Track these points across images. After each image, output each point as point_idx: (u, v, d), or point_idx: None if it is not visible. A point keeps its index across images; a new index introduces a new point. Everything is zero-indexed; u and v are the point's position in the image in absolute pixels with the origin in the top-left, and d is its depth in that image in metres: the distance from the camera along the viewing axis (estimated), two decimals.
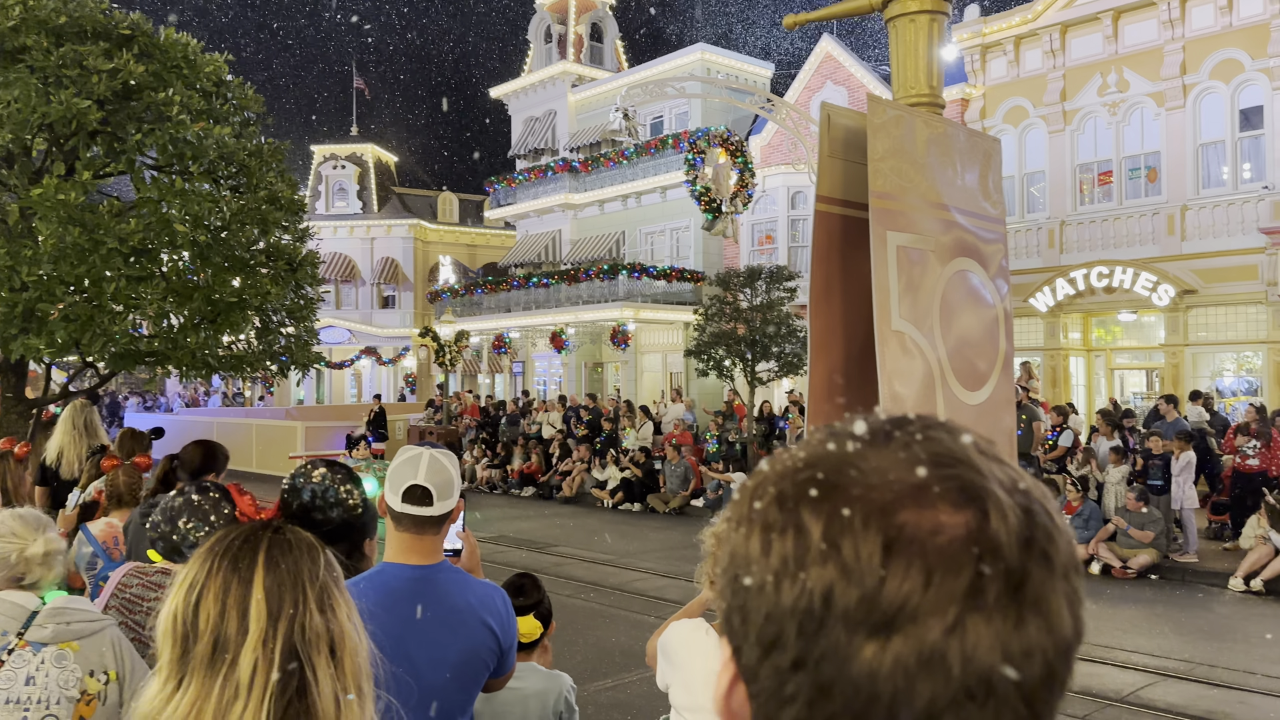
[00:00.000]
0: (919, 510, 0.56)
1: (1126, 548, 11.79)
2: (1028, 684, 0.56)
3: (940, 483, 0.57)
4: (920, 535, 0.56)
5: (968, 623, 0.55)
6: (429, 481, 2.32)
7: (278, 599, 1.31)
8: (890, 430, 0.62)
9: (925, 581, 0.55)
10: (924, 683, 0.54)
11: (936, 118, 2.86)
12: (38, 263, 7.45)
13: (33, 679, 2.43)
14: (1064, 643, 0.58)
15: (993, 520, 0.56)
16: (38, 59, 7.79)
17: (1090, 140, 18.79)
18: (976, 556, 0.55)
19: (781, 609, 0.58)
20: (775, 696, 0.59)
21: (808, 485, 0.59)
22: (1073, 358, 19.30)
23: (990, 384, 2.86)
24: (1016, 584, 0.56)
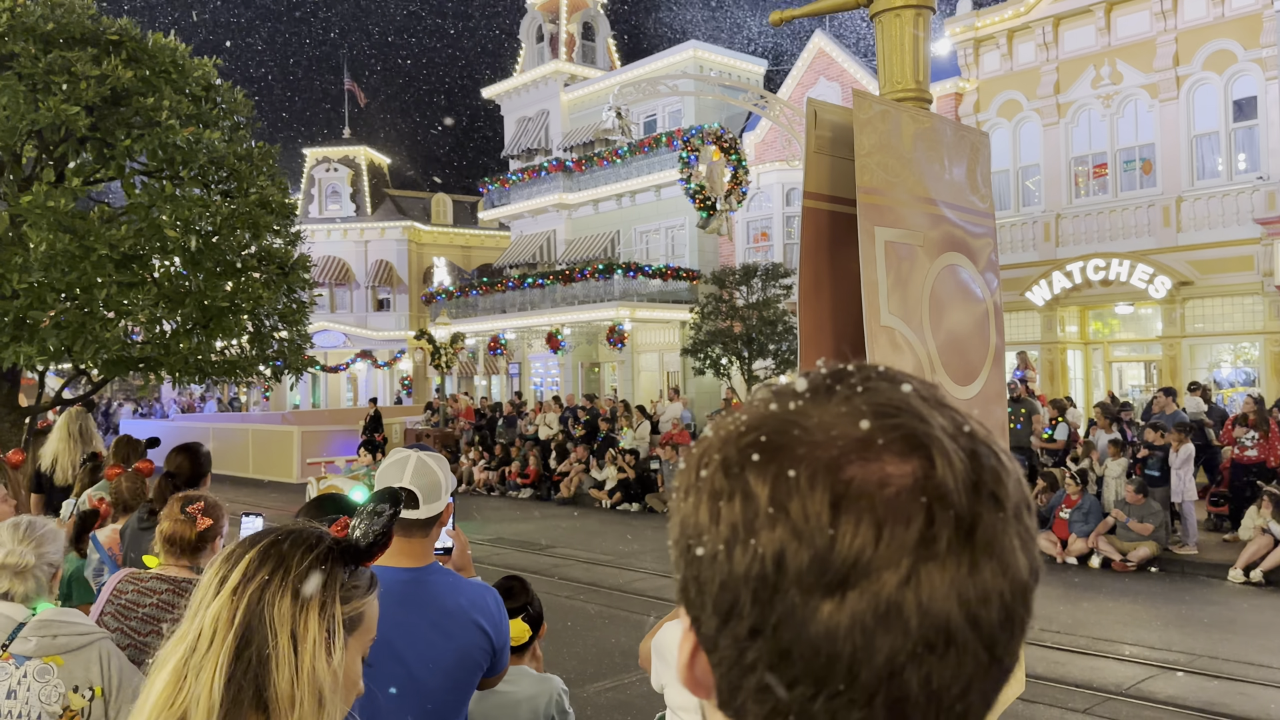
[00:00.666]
0: (864, 464, 0.55)
1: (1126, 541, 11.78)
2: (986, 629, 0.55)
3: (884, 434, 0.56)
4: (868, 489, 0.55)
5: (921, 572, 0.54)
6: (415, 484, 2.33)
7: (258, 566, 1.40)
8: (831, 384, 0.61)
9: (876, 535, 0.54)
10: (883, 637, 0.54)
11: (923, 112, 2.84)
12: (28, 270, 7.43)
13: (14, 693, 2.40)
14: (1020, 584, 0.57)
15: (938, 467, 0.55)
16: (26, 66, 7.77)
17: (1085, 133, 18.80)
18: (925, 505, 0.54)
19: (735, 576, 0.57)
20: (737, 665, 0.58)
21: (752, 449, 0.58)
22: (1070, 351, 19.31)
23: (981, 378, 2.84)
24: (968, 529, 0.55)
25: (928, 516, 0.54)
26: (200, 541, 3.31)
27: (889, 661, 0.54)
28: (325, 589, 1.40)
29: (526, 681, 3.23)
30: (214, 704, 1.31)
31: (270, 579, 1.37)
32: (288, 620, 1.36)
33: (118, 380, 10.64)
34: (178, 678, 1.35)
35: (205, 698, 1.32)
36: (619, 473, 18.12)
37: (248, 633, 1.34)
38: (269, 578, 1.37)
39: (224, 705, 1.32)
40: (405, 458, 2.38)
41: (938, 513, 0.54)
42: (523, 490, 19.92)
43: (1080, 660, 8.07)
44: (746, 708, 0.59)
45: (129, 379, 8.92)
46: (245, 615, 1.35)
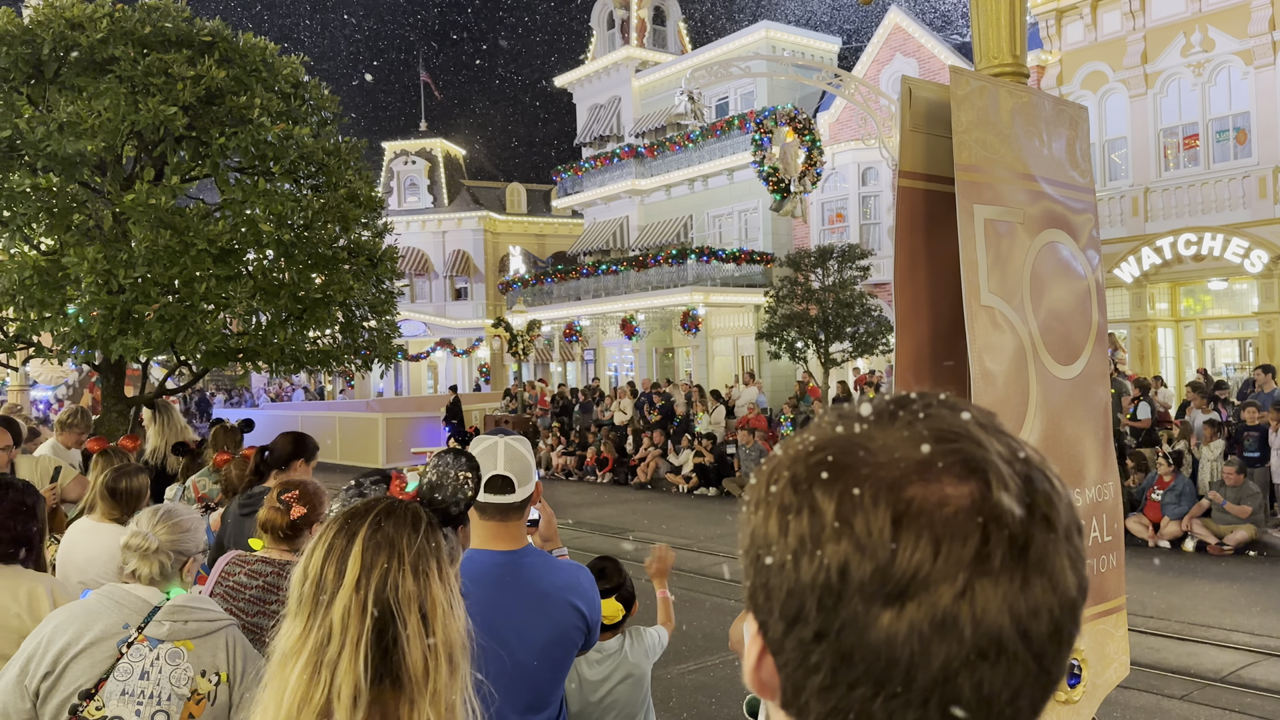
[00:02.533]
0: (925, 485, 0.60)
1: (1222, 524, 11.41)
2: (1036, 641, 0.60)
3: (943, 457, 0.61)
4: (927, 508, 0.59)
5: (976, 587, 0.58)
6: (509, 470, 2.36)
7: (373, 555, 1.43)
8: (894, 410, 0.66)
9: (934, 551, 0.58)
10: (938, 645, 0.58)
11: (1021, 86, 2.80)
12: (133, 265, 7.75)
13: (147, 674, 2.49)
14: (1069, 600, 0.61)
15: (994, 489, 0.60)
16: (125, 69, 8.08)
17: (1174, 103, 18.12)
18: (981, 524, 0.59)
19: (802, 585, 0.62)
20: (801, 666, 0.63)
21: (819, 467, 0.63)
22: (1160, 329, 18.69)
23: (1083, 358, 2.80)
24: (1021, 547, 0.59)
25: (983, 535, 0.59)
26: (293, 530, 3.39)
27: (944, 668, 0.58)
28: (438, 559, 1.46)
29: (630, 645, 3.48)
30: (360, 693, 1.37)
31: (389, 565, 1.42)
32: (414, 598, 1.41)
33: (212, 371, 11.01)
34: (313, 673, 1.39)
35: (349, 689, 1.36)
36: (696, 458, 18.15)
37: (380, 621, 1.39)
38: (387, 564, 1.42)
39: (370, 693, 1.37)
40: (494, 444, 2.41)
41: (993, 532, 0.59)
42: (600, 475, 20.09)
43: (1176, 646, 7.87)
44: (810, 706, 0.63)
45: (226, 369, 9.22)
46: (375, 605, 1.40)
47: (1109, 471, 2.80)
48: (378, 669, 1.38)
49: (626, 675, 3.45)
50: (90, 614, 2.59)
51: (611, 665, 3.44)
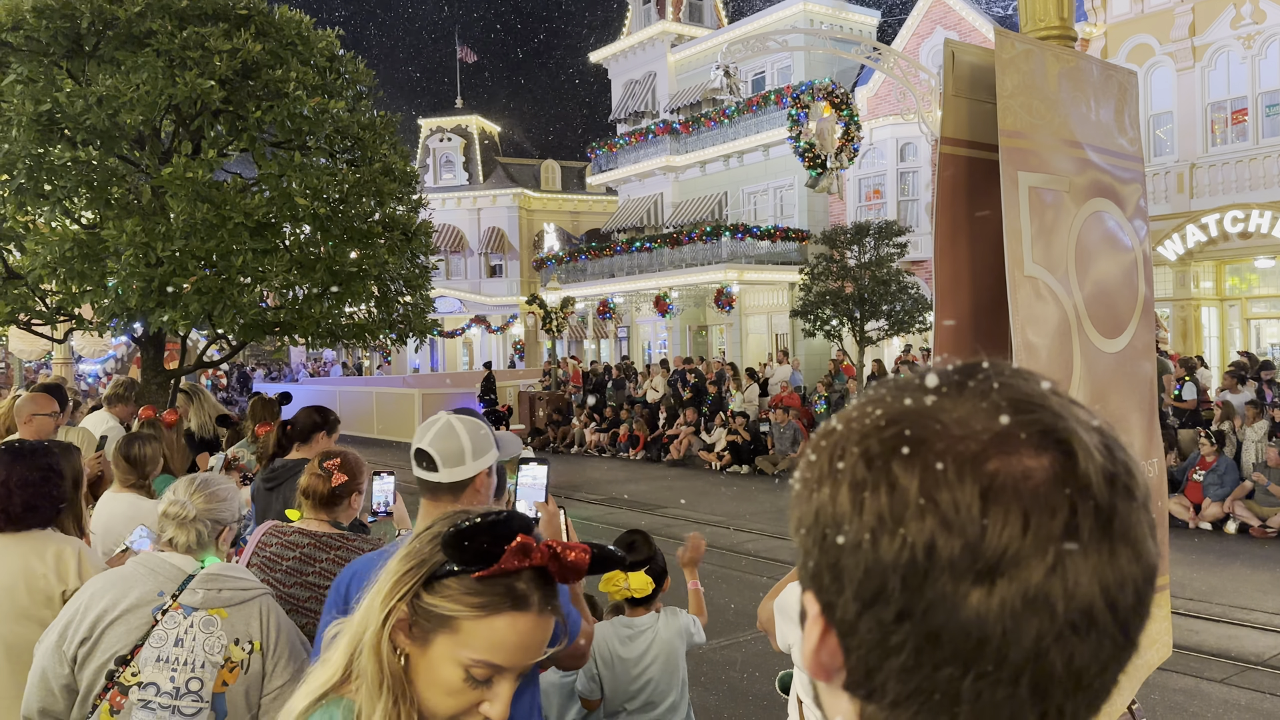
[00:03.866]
0: (1007, 457, 0.59)
1: (1266, 506, 11.20)
2: (1123, 612, 0.59)
3: (1024, 428, 0.60)
4: (1013, 481, 0.58)
5: (1067, 561, 0.58)
6: (433, 448, 2.30)
7: None
8: (962, 380, 0.64)
9: (1024, 526, 0.57)
10: (1030, 622, 0.57)
11: (1068, 51, 2.72)
12: (171, 239, 7.82)
13: (181, 641, 2.52)
14: (1150, 569, 0.61)
15: (1080, 460, 0.59)
16: (163, 42, 8.12)
17: (1223, 77, 17.67)
18: (1069, 496, 0.58)
19: (882, 563, 0.60)
20: (879, 647, 0.61)
21: (895, 441, 0.61)
22: (1205, 308, 18.33)
23: (1130, 331, 2.72)
24: (1106, 519, 0.59)
25: (1071, 507, 0.58)
26: (334, 497, 3.43)
27: (1036, 644, 0.58)
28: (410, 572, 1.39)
29: (664, 622, 3.38)
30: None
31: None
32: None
33: (251, 346, 11.11)
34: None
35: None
36: (729, 435, 18.11)
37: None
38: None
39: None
40: (433, 421, 2.37)
41: (1080, 504, 0.58)
42: (633, 452, 20.12)
43: (1216, 628, 7.74)
44: (887, 688, 0.62)
45: (263, 343, 9.31)
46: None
47: (1154, 448, 2.74)
48: None
49: (660, 653, 3.44)
50: (126, 581, 2.62)
51: (645, 642, 3.43)
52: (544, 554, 1.35)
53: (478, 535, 1.32)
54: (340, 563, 3.34)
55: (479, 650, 1.33)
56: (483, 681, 1.35)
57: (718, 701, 6.31)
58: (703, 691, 6.35)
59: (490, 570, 1.32)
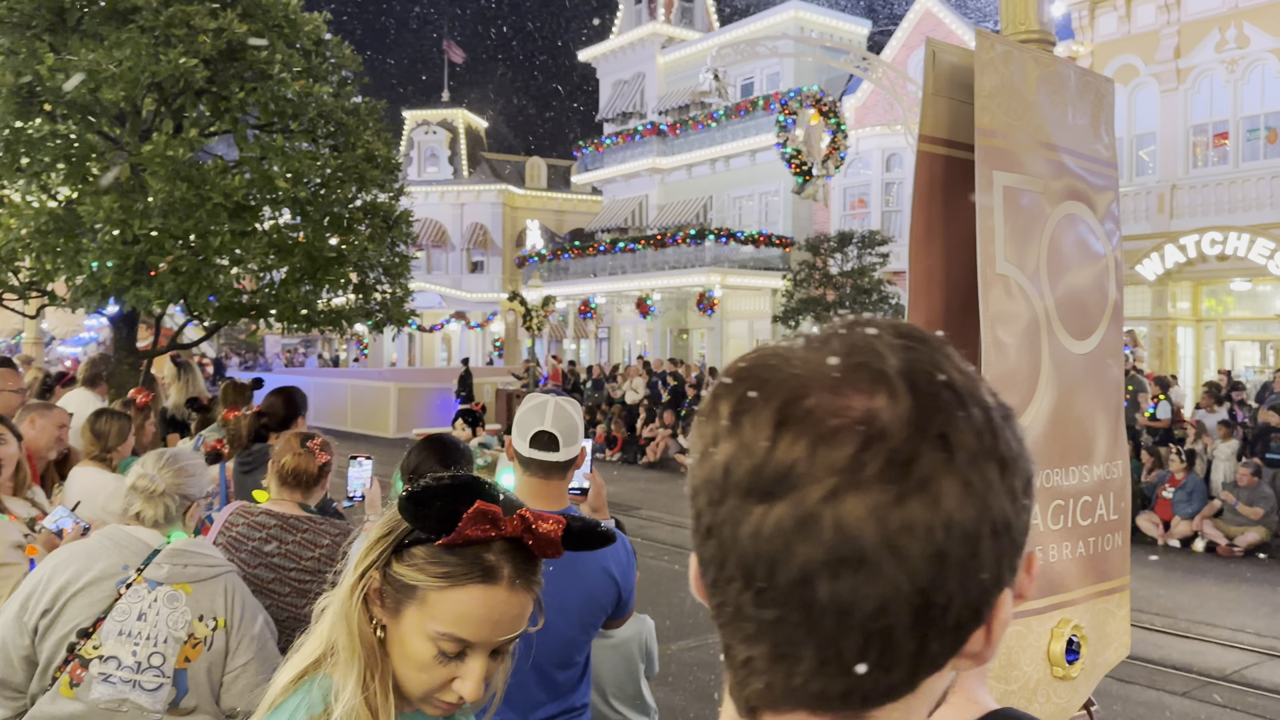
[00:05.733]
0: (821, 394, 0.60)
1: (1233, 525, 11.32)
2: (909, 559, 0.58)
3: (846, 371, 0.61)
4: (815, 414, 0.60)
5: (844, 493, 0.58)
6: (555, 427, 2.36)
7: None
8: (834, 330, 0.66)
9: (809, 453, 0.59)
10: (799, 544, 0.59)
11: (1047, 55, 2.74)
12: (148, 217, 7.74)
13: (144, 615, 2.51)
14: (958, 526, 0.59)
15: (881, 401, 0.59)
16: (147, 19, 8.05)
17: (1205, 99, 17.86)
18: (861, 434, 0.59)
19: (699, 482, 0.64)
20: (704, 563, 0.65)
21: (730, 374, 0.65)
22: (1181, 328, 18.52)
23: (1098, 333, 2.74)
24: (903, 462, 0.58)
25: (861, 444, 0.58)
26: (321, 475, 3.43)
27: (803, 568, 0.59)
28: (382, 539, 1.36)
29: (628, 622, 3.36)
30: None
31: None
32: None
33: (225, 334, 11.01)
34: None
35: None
36: None
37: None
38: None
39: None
40: (544, 402, 2.41)
41: (872, 443, 0.58)
42: (610, 453, 20.10)
43: (1180, 644, 7.82)
44: (711, 602, 0.66)
45: (237, 327, 9.24)
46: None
47: (1119, 450, 2.75)
48: None
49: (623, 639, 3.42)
50: (90, 554, 2.60)
51: None
52: (516, 525, 1.32)
53: (433, 499, 1.29)
54: (307, 545, 3.32)
55: (445, 623, 1.29)
56: (454, 656, 1.31)
57: (684, 701, 6.32)
58: (669, 691, 6.35)
59: (450, 539, 1.28)
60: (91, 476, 4.26)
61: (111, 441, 4.44)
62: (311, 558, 3.31)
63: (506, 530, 1.31)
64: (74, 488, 4.24)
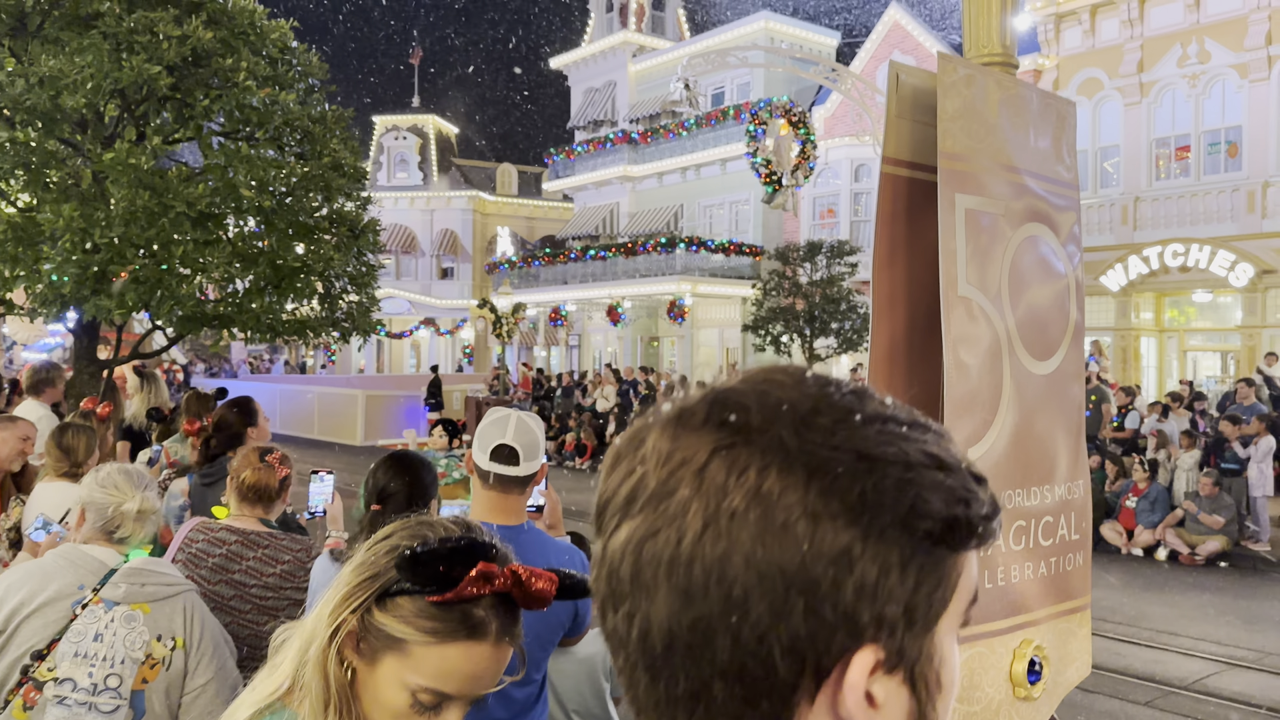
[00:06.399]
0: (655, 429, 0.65)
1: (1195, 534, 11.47)
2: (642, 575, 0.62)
3: (692, 413, 0.65)
4: (630, 447, 0.66)
5: (621, 524, 0.63)
6: (516, 441, 2.38)
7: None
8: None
9: (619, 483, 0.64)
10: (622, 564, 0.63)
11: (1009, 78, 2.76)
12: (110, 225, 7.62)
13: (101, 636, 2.46)
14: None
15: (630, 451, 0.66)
16: (110, 25, 7.93)
17: (1168, 113, 18.16)
18: (640, 472, 0.63)
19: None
20: None
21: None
22: (1144, 338, 18.79)
23: (1059, 354, 2.77)
24: (654, 496, 0.62)
25: (638, 481, 0.63)
26: (281, 489, 3.39)
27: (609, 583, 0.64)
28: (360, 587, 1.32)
29: (587, 640, 3.30)
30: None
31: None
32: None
33: (191, 341, 10.87)
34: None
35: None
36: None
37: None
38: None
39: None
40: (506, 416, 2.44)
41: (643, 475, 0.63)
42: (580, 461, 20.06)
43: (1143, 653, 7.91)
44: None
45: (201, 337, 9.11)
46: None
47: (1079, 469, 2.78)
48: None
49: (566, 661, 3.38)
50: (45, 574, 2.56)
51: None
52: (507, 580, 1.29)
53: (437, 561, 1.25)
54: (268, 561, 3.28)
55: (428, 677, 1.26)
56: (430, 708, 1.28)
57: None
58: None
59: (446, 597, 1.25)
60: (61, 491, 4.18)
61: (80, 456, 4.37)
62: (273, 574, 3.27)
63: (499, 586, 1.28)
64: (44, 503, 4.15)
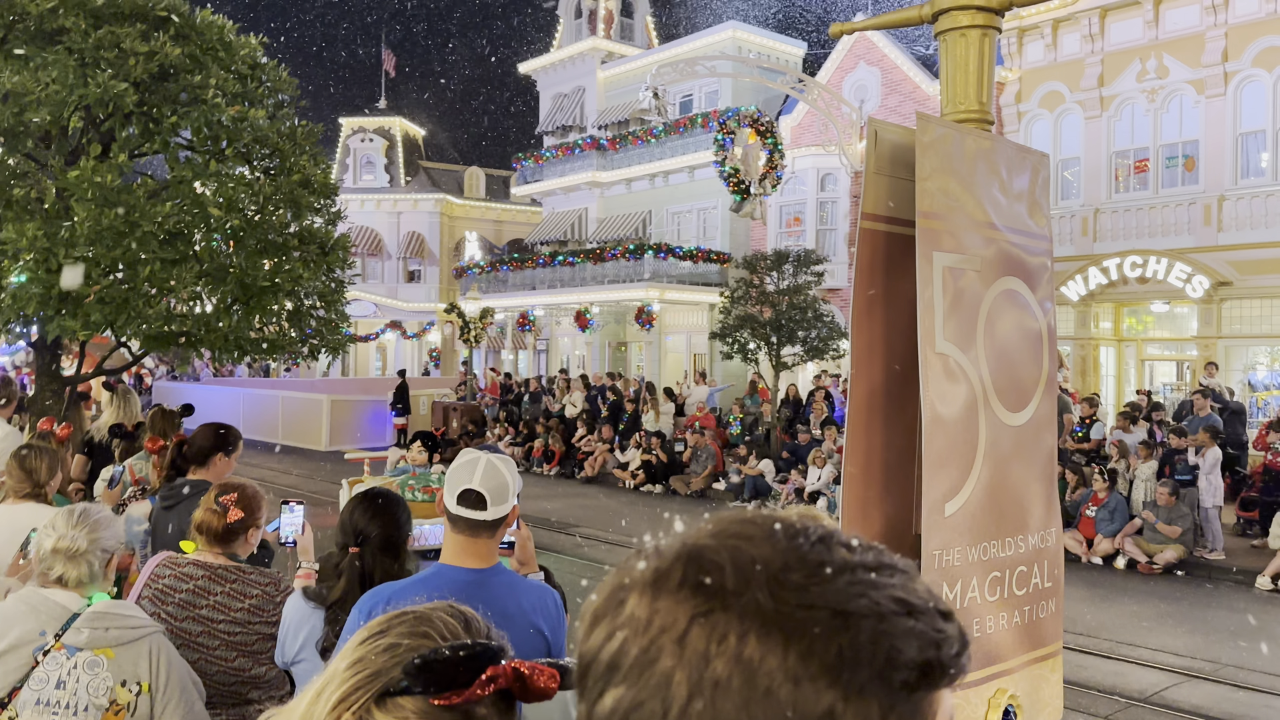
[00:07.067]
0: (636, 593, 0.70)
1: (1153, 543, 11.71)
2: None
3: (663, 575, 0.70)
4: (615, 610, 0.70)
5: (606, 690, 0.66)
6: (483, 486, 2.39)
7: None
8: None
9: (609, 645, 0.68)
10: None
11: (985, 134, 2.83)
12: (74, 244, 7.50)
13: (63, 683, 2.43)
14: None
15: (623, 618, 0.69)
16: (76, 40, 7.80)
17: (1127, 127, 18.50)
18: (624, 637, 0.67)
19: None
20: None
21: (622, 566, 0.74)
22: (1103, 347, 19.12)
23: (1032, 405, 2.83)
24: (642, 660, 0.65)
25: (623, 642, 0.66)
26: (229, 534, 3.34)
27: None
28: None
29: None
30: None
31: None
32: None
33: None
34: None
35: None
36: (643, 454, 18.17)
37: None
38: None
39: None
40: (475, 460, 2.45)
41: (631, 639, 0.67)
42: (547, 467, 20.03)
43: (1104, 664, 8.06)
44: None
45: (168, 354, 8.98)
46: None
47: (1052, 517, 2.85)
48: None
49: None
50: (5, 620, 2.52)
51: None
52: (509, 676, 1.30)
53: (447, 669, 1.26)
54: (236, 595, 3.27)
55: None
56: None
57: None
58: None
59: (454, 701, 1.27)
60: (29, 512, 4.13)
61: (43, 477, 4.34)
62: (241, 609, 3.25)
63: (500, 684, 1.30)
64: (11, 525, 4.10)
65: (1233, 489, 13.27)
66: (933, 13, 2.93)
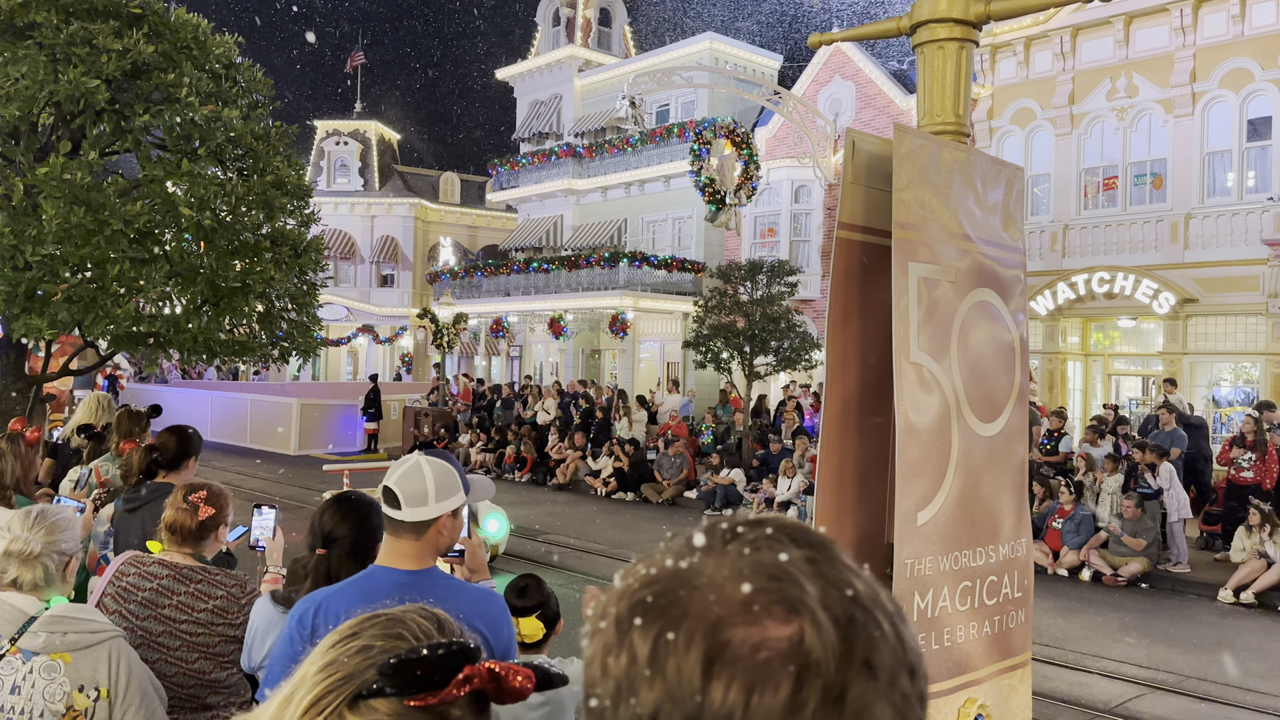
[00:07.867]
0: (740, 628, 0.58)
1: (1118, 555, 11.84)
2: None
3: (762, 598, 0.59)
4: (741, 654, 0.58)
5: None
6: (398, 486, 2.41)
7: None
8: (725, 541, 0.64)
9: (745, 700, 0.57)
10: None
11: (961, 146, 2.85)
12: (42, 242, 7.39)
13: (18, 688, 2.37)
14: None
15: (808, 635, 0.58)
16: (47, 36, 7.69)
17: (1097, 144, 18.76)
18: (794, 672, 0.57)
19: None
20: None
21: (640, 605, 0.62)
22: (1070, 362, 19.34)
23: (1005, 415, 2.86)
24: (836, 695, 0.58)
25: (795, 683, 0.57)
26: (201, 531, 3.33)
27: None
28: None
29: (573, 670, 3.36)
30: None
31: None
32: None
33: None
34: None
35: None
36: (615, 462, 18.15)
37: None
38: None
39: None
40: (407, 460, 2.49)
41: (806, 680, 0.57)
42: (519, 474, 19.96)
43: (1069, 675, 8.13)
44: None
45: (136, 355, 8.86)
46: None
47: (1023, 528, 2.87)
48: None
49: (544, 702, 3.38)
50: None
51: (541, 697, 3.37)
52: (484, 677, 1.29)
53: (423, 668, 1.24)
54: (201, 596, 3.23)
55: None
56: None
57: None
58: None
59: (429, 702, 1.26)
60: None
61: (7, 480, 4.29)
62: (204, 609, 3.22)
63: (475, 685, 1.28)
64: None
65: (1196, 503, 13.45)
66: (911, 25, 2.95)
